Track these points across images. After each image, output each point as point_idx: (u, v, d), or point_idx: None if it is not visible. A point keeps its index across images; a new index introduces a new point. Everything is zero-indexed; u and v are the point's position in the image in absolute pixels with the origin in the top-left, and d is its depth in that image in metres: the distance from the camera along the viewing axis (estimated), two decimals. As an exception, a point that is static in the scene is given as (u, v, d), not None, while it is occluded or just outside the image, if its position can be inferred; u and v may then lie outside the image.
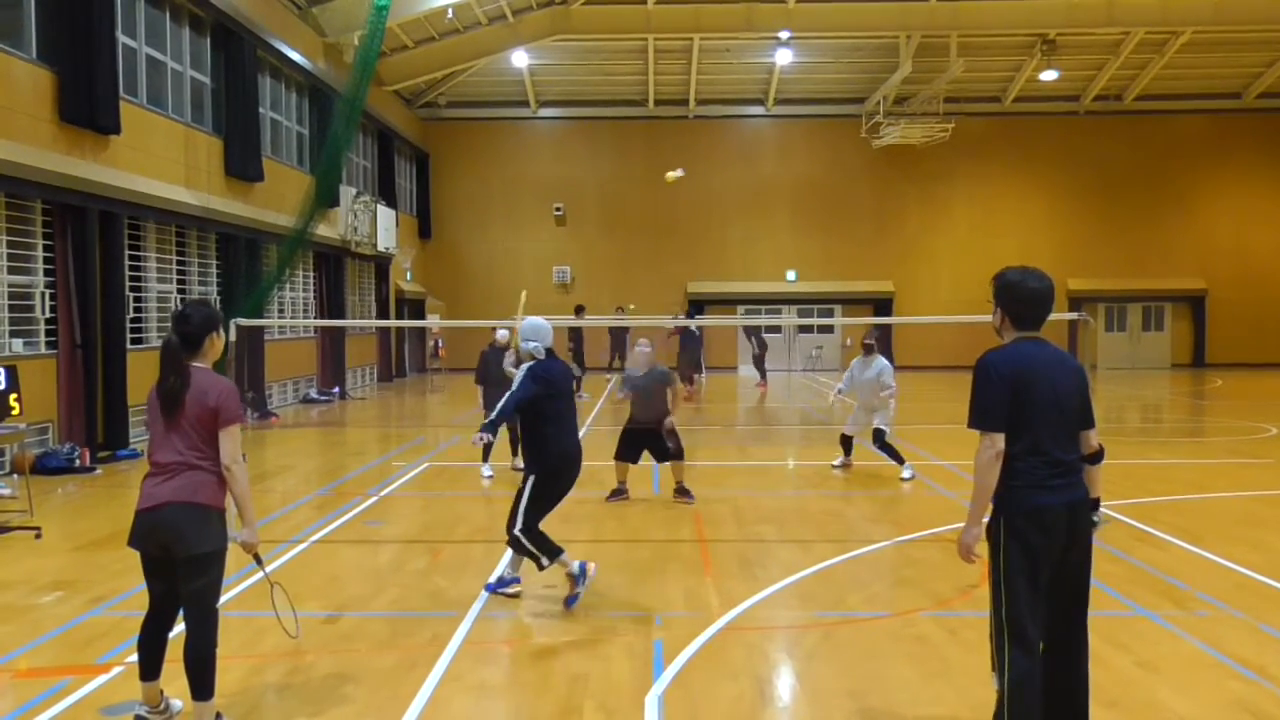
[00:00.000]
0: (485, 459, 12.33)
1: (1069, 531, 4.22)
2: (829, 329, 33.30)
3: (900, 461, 11.93)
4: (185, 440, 4.66)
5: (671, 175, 16.01)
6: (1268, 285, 32.98)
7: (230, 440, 4.67)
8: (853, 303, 32.92)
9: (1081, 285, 32.93)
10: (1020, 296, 4.32)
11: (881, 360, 12.16)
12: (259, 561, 5.01)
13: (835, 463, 12.76)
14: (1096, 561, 7.82)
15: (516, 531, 6.82)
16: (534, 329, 7.11)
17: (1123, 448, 14.67)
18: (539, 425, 6.91)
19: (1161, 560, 8.03)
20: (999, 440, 4.17)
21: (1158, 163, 32.93)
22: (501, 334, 12.38)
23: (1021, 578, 4.16)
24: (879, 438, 11.97)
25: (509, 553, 7.15)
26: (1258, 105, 32.76)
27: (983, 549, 4.33)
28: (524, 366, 7.02)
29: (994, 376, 4.22)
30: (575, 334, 23.87)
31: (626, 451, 10.70)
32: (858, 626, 6.50)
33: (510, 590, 7.07)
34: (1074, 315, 11.95)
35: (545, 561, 6.79)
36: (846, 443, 12.60)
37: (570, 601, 6.76)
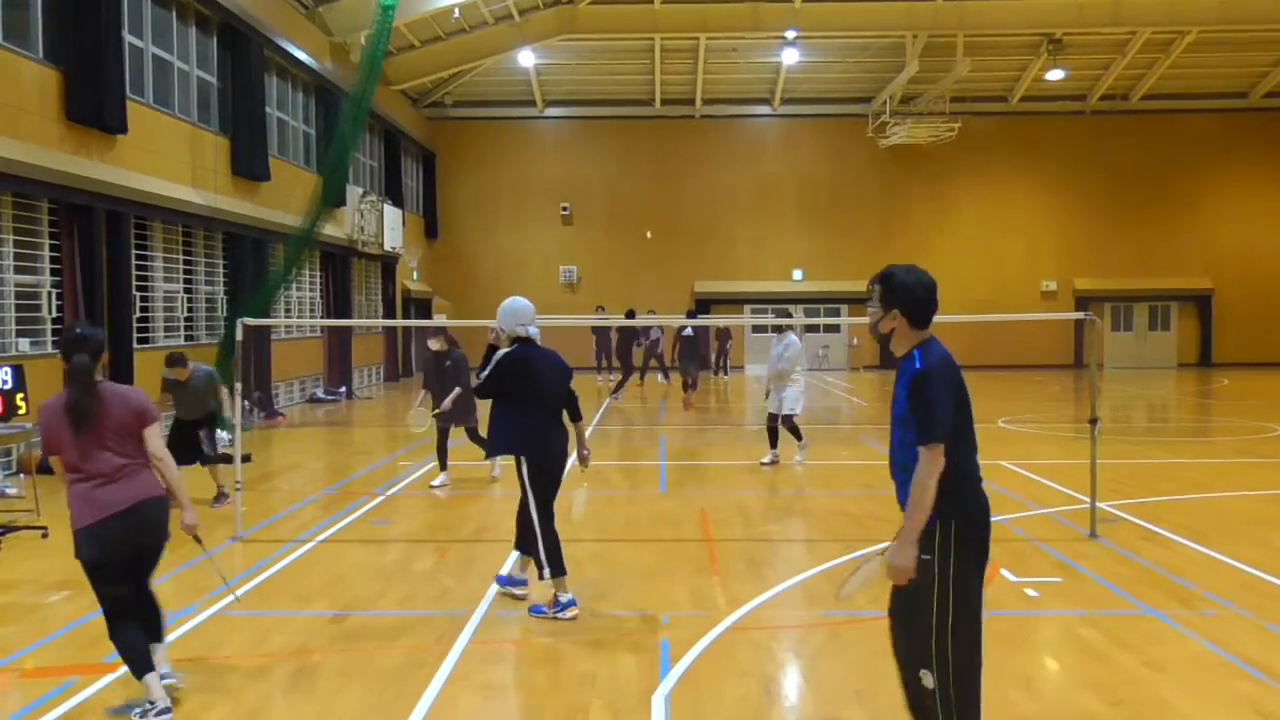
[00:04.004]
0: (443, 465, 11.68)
1: None
2: (835, 328, 33.27)
3: (799, 440, 12.64)
4: (117, 446, 4.99)
5: None
6: (1274, 284, 32.89)
7: (155, 435, 5.10)
8: (859, 302, 32.70)
9: (1088, 285, 32.90)
10: (918, 295, 4.05)
11: (789, 338, 12.56)
12: (199, 541, 5.38)
13: (764, 460, 12.82)
14: (1104, 561, 7.91)
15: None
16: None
17: (1129, 447, 14.64)
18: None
19: (1168, 560, 8.01)
20: (942, 450, 3.90)
21: (1164, 162, 32.86)
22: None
23: (977, 575, 4.01)
24: (788, 418, 12.55)
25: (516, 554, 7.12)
26: (1264, 104, 32.66)
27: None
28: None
29: (944, 384, 3.95)
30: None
31: None
32: (864, 626, 6.49)
33: (518, 591, 7.05)
34: (1080, 315, 11.89)
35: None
36: (773, 433, 12.76)
37: (533, 610, 6.70)
